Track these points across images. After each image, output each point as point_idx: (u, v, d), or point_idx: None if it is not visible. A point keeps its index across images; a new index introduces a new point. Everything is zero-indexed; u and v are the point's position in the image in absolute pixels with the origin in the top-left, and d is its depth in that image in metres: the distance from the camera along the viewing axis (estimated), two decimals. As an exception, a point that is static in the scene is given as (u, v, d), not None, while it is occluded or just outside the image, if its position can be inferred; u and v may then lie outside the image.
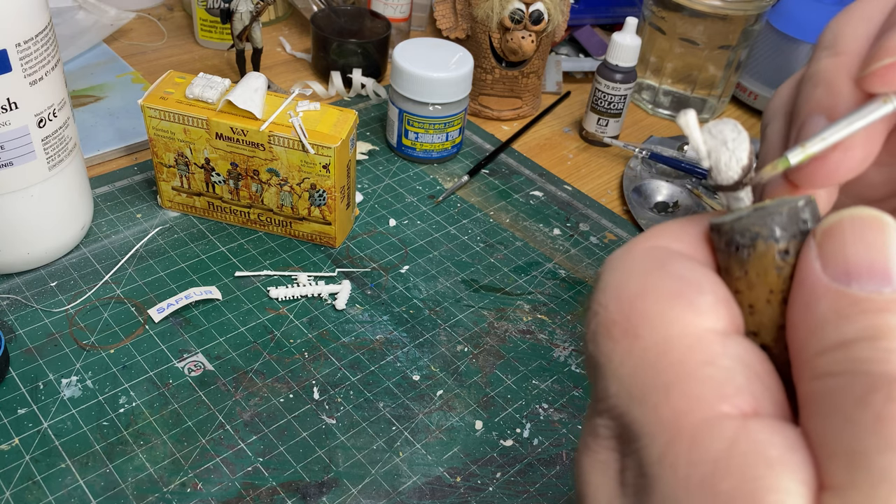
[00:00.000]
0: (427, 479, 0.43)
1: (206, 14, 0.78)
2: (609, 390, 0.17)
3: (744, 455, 0.15)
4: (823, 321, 0.16)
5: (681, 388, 0.16)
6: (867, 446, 0.14)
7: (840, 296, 0.15)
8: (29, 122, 0.46)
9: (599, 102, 0.72)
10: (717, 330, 0.17)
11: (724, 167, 0.18)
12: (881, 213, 0.16)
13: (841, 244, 0.16)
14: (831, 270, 0.16)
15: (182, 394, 0.45)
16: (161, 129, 0.53)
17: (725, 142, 0.18)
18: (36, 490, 0.39)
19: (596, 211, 0.65)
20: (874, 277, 0.15)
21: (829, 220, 0.16)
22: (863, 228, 0.16)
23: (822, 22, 0.92)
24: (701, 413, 0.15)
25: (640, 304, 0.17)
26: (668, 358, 0.16)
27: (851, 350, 0.15)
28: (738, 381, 0.16)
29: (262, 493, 0.41)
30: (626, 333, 0.17)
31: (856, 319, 0.15)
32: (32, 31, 0.44)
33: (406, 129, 0.66)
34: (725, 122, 0.18)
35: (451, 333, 0.52)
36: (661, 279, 0.17)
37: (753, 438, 0.15)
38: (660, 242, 0.18)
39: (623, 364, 0.17)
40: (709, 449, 0.15)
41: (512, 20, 0.70)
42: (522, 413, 0.47)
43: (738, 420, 0.15)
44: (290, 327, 0.50)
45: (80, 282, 0.51)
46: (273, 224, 0.57)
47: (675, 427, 0.16)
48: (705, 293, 0.17)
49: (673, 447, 0.15)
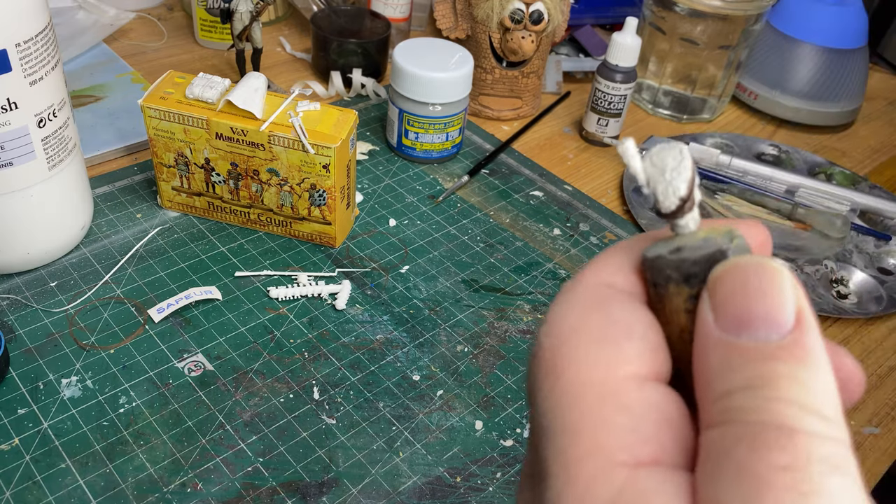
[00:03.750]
0: (427, 479, 0.43)
1: (205, 14, 0.78)
2: (534, 424, 0.18)
3: (627, 503, 0.15)
4: (714, 373, 0.16)
5: (588, 433, 0.16)
6: (727, 497, 0.14)
7: (729, 347, 0.16)
8: (29, 122, 0.46)
9: (599, 102, 0.72)
10: (639, 376, 0.17)
11: (661, 197, 0.18)
12: (768, 259, 0.16)
13: (730, 295, 0.16)
14: (721, 322, 0.16)
15: (182, 394, 0.45)
16: (161, 129, 0.53)
17: (664, 171, 0.18)
18: (36, 490, 0.39)
19: (596, 211, 0.65)
20: (762, 326, 0.15)
21: (718, 269, 0.16)
22: (748, 277, 0.16)
23: (823, 22, 0.92)
24: (601, 460, 0.16)
25: (568, 344, 0.17)
26: (584, 401, 0.16)
27: (732, 400, 0.15)
28: (645, 430, 0.16)
29: (262, 493, 0.41)
30: (551, 370, 0.17)
31: (741, 369, 0.15)
32: (32, 31, 0.44)
33: (406, 129, 0.66)
34: (670, 147, 0.18)
35: (452, 333, 0.52)
36: (595, 320, 0.17)
37: (640, 487, 0.15)
38: (604, 277, 0.18)
39: (546, 400, 0.17)
40: (597, 496, 0.15)
41: (512, 20, 0.70)
42: (523, 413, 0.47)
43: (630, 469, 0.15)
44: (290, 327, 0.50)
45: (80, 282, 0.51)
46: (273, 224, 0.57)
47: (574, 471, 0.16)
48: (633, 339, 0.17)
49: (567, 490, 0.16)
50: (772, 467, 0.14)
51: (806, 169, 0.75)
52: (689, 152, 0.18)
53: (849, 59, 0.81)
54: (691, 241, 0.17)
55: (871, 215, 0.70)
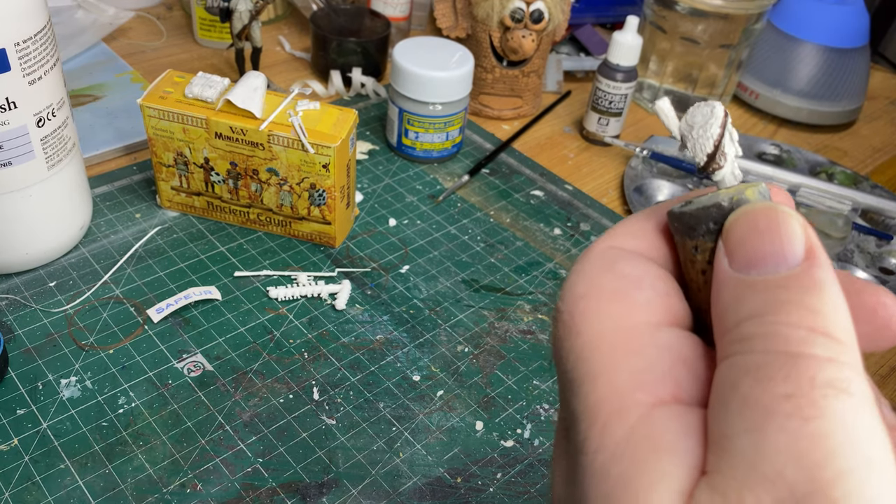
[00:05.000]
0: (427, 480, 0.43)
1: (205, 13, 0.78)
2: (561, 383, 0.19)
3: (637, 441, 0.15)
4: (725, 308, 0.16)
5: (606, 377, 0.17)
6: (732, 430, 0.14)
7: (738, 282, 0.16)
8: (28, 122, 0.45)
9: (600, 102, 0.72)
10: (651, 322, 0.17)
11: (691, 153, 0.19)
12: (774, 203, 0.17)
13: (741, 237, 0.17)
14: (735, 263, 0.17)
15: (181, 394, 0.45)
16: (160, 129, 0.53)
17: (692, 129, 0.19)
18: (35, 490, 0.39)
19: (597, 211, 0.65)
20: (769, 262, 0.16)
21: (732, 215, 0.17)
22: (757, 219, 0.17)
23: (824, 21, 0.92)
24: (617, 400, 0.16)
25: (583, 304, 0.18)
26: (601, 350, 0.17)
27: (741, 329, 0.16)
28: (661, 369, 0.17)
29: (261, 493, 0.41)
30: (570, 331, 0.18)
31: (750, 300, 0.16)
32: (31, 30, 0.43)
33: (406, 128, 0.66)
34: (704, 105, 0.19)
35: (452, 333, 0.52)
36: (606, 279, 0.18)
37: (651, 424, 0.16)
38: (616, 242, 0.19)
39: (567, 359, 0.18)
40: (613, 434, 0.16)
41: (512, 19, 0.69)
42: (523, 413, 0.47)
43: (646, 407, 0.16)
44: (290, 327, 0.50)
45: (79, 282, 0.51)
46: (273, 224, 0.57)
47: (595, 413, 0.16)
48: (643, 289, 0.18)
49: (590, 432, 0.16)
50: (775, 396, 0.14)
51: (807, 168, 0.75)
52: (721, 110, 0.19)
53: (850, 59, 0.80)
54: (703, 199, 0.18)
55: (873, 215, 0.70)
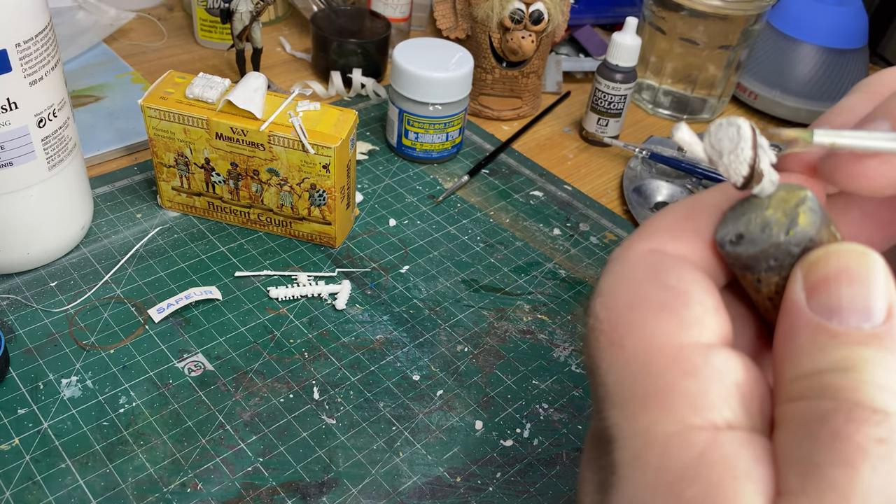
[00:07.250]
0: (427, 479, 0.43)
1: (205, 14, 0.78)
2: (597, 394, 0.18)
3: (711, 465, 0.15)
4: (801, 351, 0.16)
5: (658, 399, 0.16)
6: (822, 459, 0.15)
7: (820, 329, 0.16)
8: (29, 122, 0.46)
9: (599, 102, 0.72)
10: (701, 343, 0.17)
11: (726, 176, 0.18)
12: (866, 248, 0.17)
13: (825, 279, 0.16)
14: (814, 304, 0.16)
15: (182, 394, 0.45)
16: (161, 129, 0.53)
17: (721, 155, 0.18)
18: (36, 490, 0.39)
19: (596, 211, 0.65)
20: (855, 313, 0.16)
21: (816, 253, 0.17)
22: (848, 264, 0.16)
23: (823, 22, 0.92)
24: (675, 424, 0.16)
25: (628, 316, 0.18)
26: (649, 370, 0.17)
27: (824, 378, 0.16)
28: (715, 395, 0.16)
29: (262, 493, 0.41)
30: (612, 343, 0.18)
31: (832, 352, 0.16)
32: (32, 30, 0.44)
33: (406, 129, 0.66)
34: (727, 125, 0.18)
35: (451, 333, 0.52)
36: (651, 290, 0.18)
37: (722, 450, 0.16)
38: (655, 244, 0.19)
39: (609, 372, 0.18)
40: (679, 457, 0.16)
41: (512, 20, 0.70)
42: (522, 413, 0.47)
43: (710, 432, 0.16)
44: (290, 327, 0.50)
45: (79, 282, 0.51)
46: (273, 224, 0.57)
47: (649, 435, 0.16)
48: (693, 305, 0.17)
49: (645, 452, 0.16)
50: (869, 438, 0.15)
51: (806, 169, 0.75)
52: (748, 129, 0.17)
53: (849, 60, 0.80)
54: (753, 228, 0.18)
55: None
